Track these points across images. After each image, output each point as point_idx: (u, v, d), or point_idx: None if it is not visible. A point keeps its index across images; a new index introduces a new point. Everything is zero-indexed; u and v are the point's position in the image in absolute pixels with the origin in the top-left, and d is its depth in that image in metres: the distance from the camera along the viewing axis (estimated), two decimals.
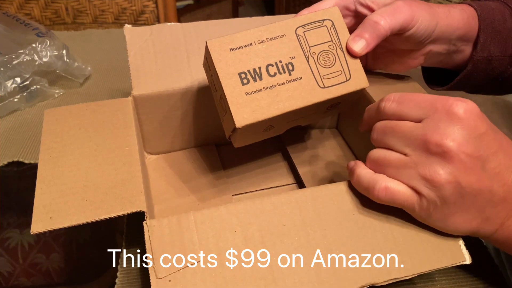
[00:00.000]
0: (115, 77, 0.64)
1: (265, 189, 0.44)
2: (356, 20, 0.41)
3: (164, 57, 0.43)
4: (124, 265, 0.36)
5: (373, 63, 0.45)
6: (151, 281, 0.26)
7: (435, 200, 0.28)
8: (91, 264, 0.46)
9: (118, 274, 0.36)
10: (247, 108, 0.32)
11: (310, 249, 0.29)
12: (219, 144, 0.49)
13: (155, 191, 0.42)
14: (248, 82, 0.33)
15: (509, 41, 0.41)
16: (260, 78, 0.33)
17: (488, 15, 0.41)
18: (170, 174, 0.45)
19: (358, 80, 0.36)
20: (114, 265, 0.37)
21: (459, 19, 0.40)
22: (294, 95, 0.33)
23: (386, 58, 0.43)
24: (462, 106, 0.27)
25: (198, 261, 0.27)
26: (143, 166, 0.36)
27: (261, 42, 0.34)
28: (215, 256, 0.28)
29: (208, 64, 0.34)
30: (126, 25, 0.44)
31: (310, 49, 0.35)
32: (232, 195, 0.43)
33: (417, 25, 0.37)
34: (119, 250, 0.38)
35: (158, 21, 1.04)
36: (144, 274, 0.35)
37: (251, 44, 0.33)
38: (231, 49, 0.33)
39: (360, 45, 0.35)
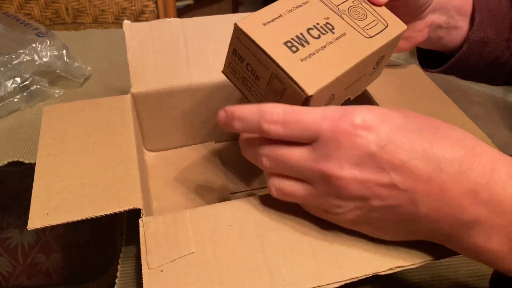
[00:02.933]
0: (115, 77, 0.64)
1: (264, 187, 0.45)
2: None
3: (163, 54, 0.43)
4: (124, 265, 0.36)
5: None
6: (143, 271, 0.26)
7: (350, 224, 0.27)
8: (91, 264, 0.46)
9: (118, 274, 0.36)
10: (310, 73, 0.29)
11: (307, 242, 0.28)
12: (218, 142, 0.49)
13: (154, 188, 0.43)
14: (298, 49, 0.30)
15: (504, 24, 0.41)
16: (307, 43, 0.31)
17: None
18: (169, 171, 0.45)
19: (396, 24, 0.35)
20: (114, 265, 0.37)
21: None
22: (347, 50, 0.32)
23: None
24: (349, 123, 0.24)
25: (192, 252, 0.27)
26: (141, 163, 0.36)
27: (289, 11, 0.32)
28: (209, 248, 0.28)
29: (239, 52, 0.32)
30: (125, 21, 0.43)
31: (338, 8, 0.34)
32: (231, 193, 0.43)
33: None
34: (119, 250, 0.38)
35: None
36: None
37: (281, 15, 0.32)
38: (265, 24, 0.31)
39: None
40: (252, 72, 0.32)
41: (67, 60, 0.58)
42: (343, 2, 0.34)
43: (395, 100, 0.41)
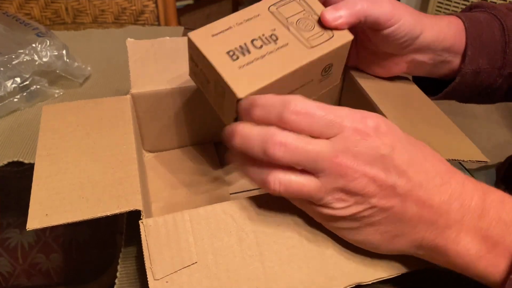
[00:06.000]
0: (115, 77, 0.64)
1: None
2: None
3: (164, 61, 0.44)
4: (124, 265, 0.36)
5: (356, 62, 0.45)
6: (148, 282, 0.27)
7: (343, 217, 0.28)
8: (91, 264, 0.46)
9: (118, 274, 0.36)
10: (245, 79, 0.33)
11: (302, 249, 0.29)
12: (217, 142, 0.49)
13: (153, 189, 0.43)
14: (238, 58, 0.33)
15: (497, 54, 0.42)
16: (249, 52, 0.34)
17: (476, 28, 0.41)
18: (168, 172, 0.45)
19: (341, 35, 0.37)
20: (114, 265, 0.37)
21: (446, 31, 0.40)
22: (286, 59, 0.34)
23: (368, 59, 0.43)
24: (366, 119, 0.27)
25: (194, 263, 0.28)
26: (140, 164, 0.36)
27: (239, 24, 0.35)
28: (211, 257, 0.28)
29: (194, 59, 0.35)
30: (129, 39, 0.45)
31: (287, 20, 0.36)
32: (230, 194, 0.43)
33: (397, 25, 0.37)
34: (119, 251, 0.38)
35: (158, 21, 1.04)
36: (143, 274, 0.35)
37: (230, 27, 0.35)
38: (213, 35, 0.34)
39: (332, 15, 0.36)
40: (205, 77, 0.35)
41: (67, 60, 0.58)
42: (293, 15, 0.36)
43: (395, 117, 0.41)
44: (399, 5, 0.38)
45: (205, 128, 0.47)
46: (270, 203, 0.31)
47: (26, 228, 0.28)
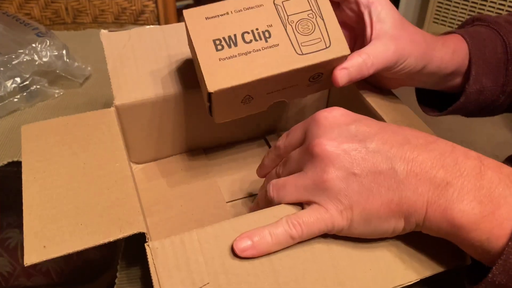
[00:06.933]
0: None
1: None
2: (355, 17, 0.40)
3: (145, 63, 0.41)
4: (124, 265, 0.36)
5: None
6: None
7: (341, 201, 0.28)
8: (91, 264, 0.46)
9: (118, 274, 0.36)
10: (221, 73, 0.32)
11: (316, 263, 0.28)
12: (207, 148, 0.48)
13: (145, 202, 0.40)
14: (223, 48, 0.33)
15: (500, 71, 0.42)
16: (235, 45, 0.33)
17: (479, 46, 0.41)
18: (158, 183, 0.43)
19: (338, 47, 0.35)
20: (114, 265, 0.37)
21: (448, 60, 0.40)
22: (270, 61, 0.33)
23: (373, 80, 0.44)
24: (325, 111, 0.30)
25: (206, 284, 0.27)
26: (134, 180, 0.34)
27: (238, 11, 0.34)
28: (223, 277, 0.27)
29: (188, 36, 0.34)
30: (102, 31, 0.42)
31: (288, 17, 0.35)
32: (226, 202, 0.42)
33: (402, 66, 0.38)
34: (119, 251, 0.38)
35: (158, 21, 1.05)
36: (143, 274, 0.35)
37: (227, 13, 0.33)
38: (207, 18, 0.33)
39: (344, 80, 0.36)
40: (193, 54, 0.35)
41: (67, 60, 0.58)
42: (296, 13, 0.35)
43: None
44: (404, 40, 0.37)
45: (193, 135, 0.45)
46: (277, 217, 0.30)
47: (24, 264, 0.26)
